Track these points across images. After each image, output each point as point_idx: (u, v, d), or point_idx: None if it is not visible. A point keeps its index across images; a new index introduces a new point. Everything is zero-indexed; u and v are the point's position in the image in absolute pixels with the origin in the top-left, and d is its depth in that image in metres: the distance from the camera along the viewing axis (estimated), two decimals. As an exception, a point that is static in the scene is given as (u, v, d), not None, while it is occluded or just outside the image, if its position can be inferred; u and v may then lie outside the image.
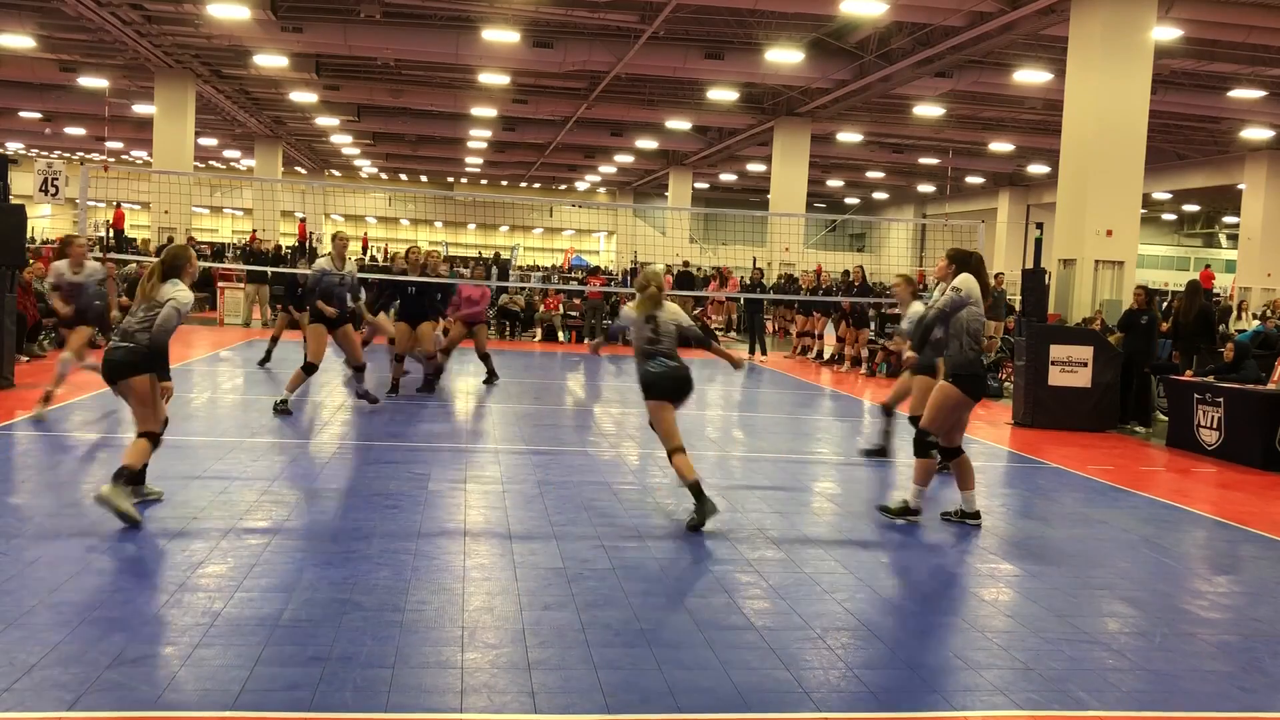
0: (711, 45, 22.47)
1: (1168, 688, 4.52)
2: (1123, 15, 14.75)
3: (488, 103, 29.38)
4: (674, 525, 6.83)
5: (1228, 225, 49.15)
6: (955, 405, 7.11)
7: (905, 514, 7.26)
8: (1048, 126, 27.73)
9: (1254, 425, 10.47)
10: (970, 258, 7.30)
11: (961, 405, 7.13)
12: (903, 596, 5.63)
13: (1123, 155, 14.92)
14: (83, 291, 9.76)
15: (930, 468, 7.29)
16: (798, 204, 29.00)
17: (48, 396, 9.53)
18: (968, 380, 7.07)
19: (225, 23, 20.65)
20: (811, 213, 51.15)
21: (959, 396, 7.08)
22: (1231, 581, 6.39)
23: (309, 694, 3.93)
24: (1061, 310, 15.09)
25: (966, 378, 7.06)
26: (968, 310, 7.06)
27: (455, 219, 62.09)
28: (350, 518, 6.53)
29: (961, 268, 7.21)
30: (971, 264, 7.25)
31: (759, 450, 10.12)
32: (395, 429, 10.01)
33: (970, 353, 7.08)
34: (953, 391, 7.08)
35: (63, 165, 20.94)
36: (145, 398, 6.31)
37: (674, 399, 7.03)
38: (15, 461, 8.01)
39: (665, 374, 7.00)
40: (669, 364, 7.02)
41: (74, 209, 20.55)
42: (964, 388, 7.07)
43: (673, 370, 7.01)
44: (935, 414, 7.16)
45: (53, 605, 4.72)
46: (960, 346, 7.08)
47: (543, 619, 4.90)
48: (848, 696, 4.21)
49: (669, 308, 7.17)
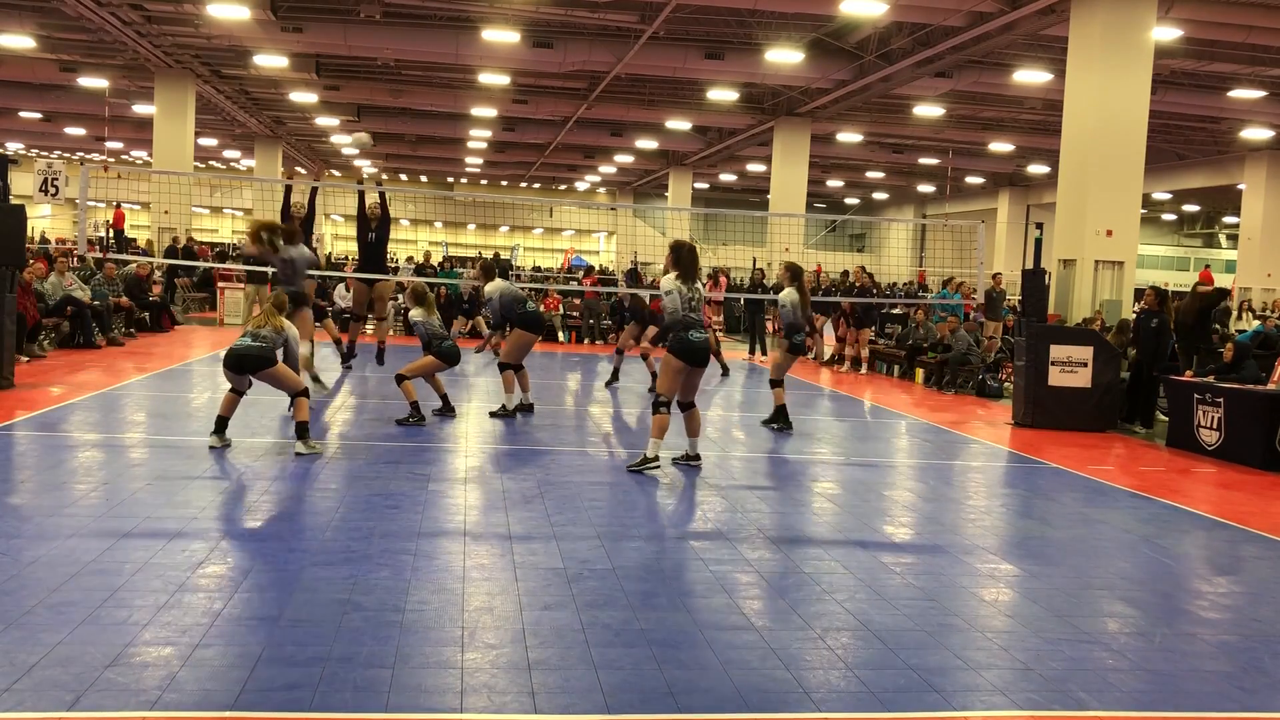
0: (711, 45, 22.48)
1: (1168, 688, 4.52)
2: (1123, 15, 14.76)
3: (488, 103, 29.39)
4: (674, 525, 6.83)
5: (1228, 225, 49.16)
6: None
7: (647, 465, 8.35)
8: (1048, 126, 27.74)
9: (1254, 425, 10.47)
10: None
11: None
12: (903, 596, 5.63)
13: (1123, 155, 14.93)
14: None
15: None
16: (798, 204, 29.01)
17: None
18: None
19: (225, 23, 20.65)
20: (811, 213, 51.17)
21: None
22: (1231, 581, 6.39)
23: (309, 694, 3.93)
24: (1061, 310, 15.10)
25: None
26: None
27: (455, 219, 62.08)
28: (350, 518, 6.53)
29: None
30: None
31: (759, 450, 10.12)
32: (395, 429, 10.01)
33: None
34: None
35: (63, 165, 20.97)
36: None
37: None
38: (15, 461, 8.01)
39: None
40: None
41: (74, 209, 20.57)
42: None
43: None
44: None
45: (53, 605, 4.72)
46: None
47: (543, 619, 4.90)
48: (848, 696, 4.21)
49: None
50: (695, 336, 8.23)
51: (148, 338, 17.64)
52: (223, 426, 8.57)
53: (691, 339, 8.22)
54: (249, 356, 8.42)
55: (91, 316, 15.71)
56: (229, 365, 8.45)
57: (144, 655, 4.23)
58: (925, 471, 9.31)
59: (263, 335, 8.54)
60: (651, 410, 8.48)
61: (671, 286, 8.32)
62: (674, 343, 8.32)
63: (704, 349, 8.34)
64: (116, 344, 16.09)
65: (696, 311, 8.33)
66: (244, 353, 8.43)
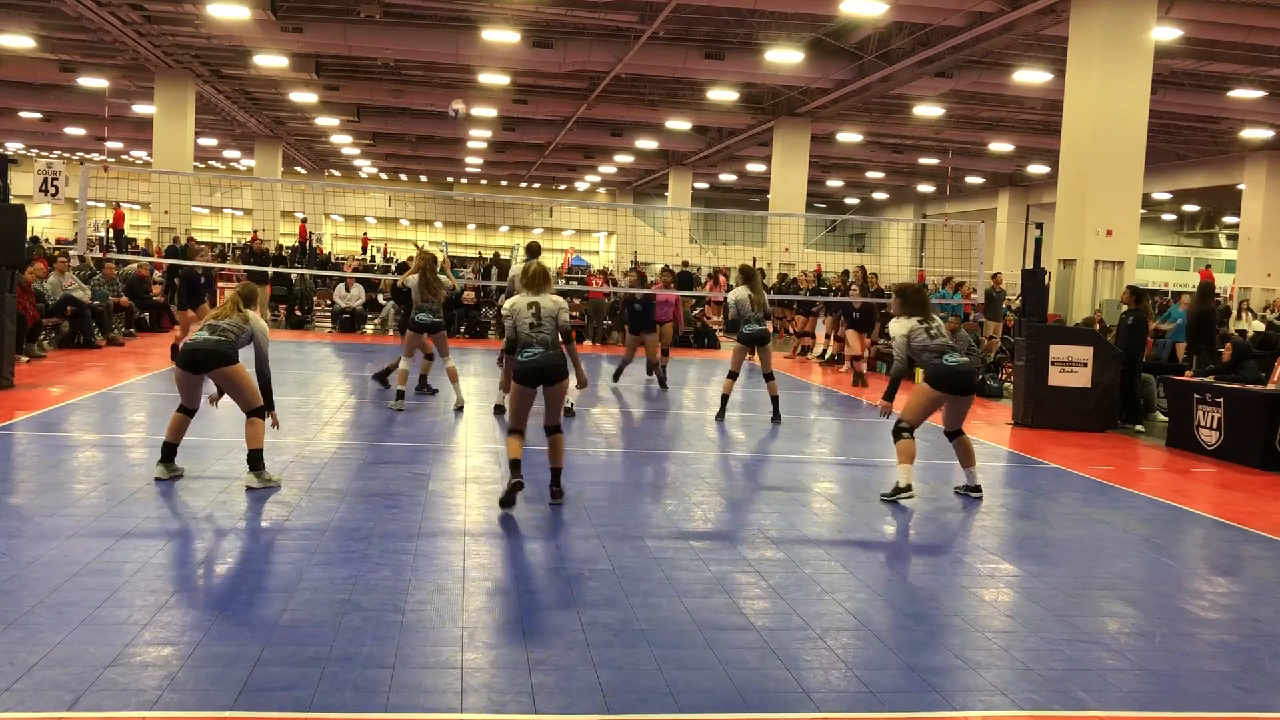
0: (711, 45, 22.47)
1: (1168, 688, 4.52)
2: (1122, 15, 14.75)
3: (488, 103, 29.39)
4: (674, 525, 6.83)
5: (1228, 225, 49.14)
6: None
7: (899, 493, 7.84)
8: (1048, 126, 27.73)
9: (1254, 425, 10.47)
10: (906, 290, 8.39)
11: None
12: (903, 596, 5.63)
13: (1123, 155, 14.92)
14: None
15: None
16: (798, 204, 29.00)
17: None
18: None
19: (225, 23, 20.64)
20: (811, 213, 51.16)
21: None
22: (1231, 581, 6.39)
23: (309, 694, 3.93)
24: (1061, 310, 15.09)
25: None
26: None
27: (455, 219, 62.08)
28: (350, 518, 6.53)
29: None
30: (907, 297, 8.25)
31: (759, 450, 10.12)
32: (395, 429, 10.01)
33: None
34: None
35: (63, 165, 20.94)
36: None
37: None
38: (15, 461, 8.01)
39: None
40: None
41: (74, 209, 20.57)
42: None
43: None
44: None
45: (53, 605, 4.72)
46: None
47: (543, 619, 4.90)
48: (848, 696, 4.21)
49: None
50: (951, 361, 7.81)
51: (148, 338, 17.64)
52: (170, 454, 7.29)
53: (947, 363, 7.79)
54: (202, 351, 7.08)
55: (91, 316, 15.72)
56: (183, 364, 7.16)
57: (144, 655, 4.23)
58: (925, 472, 9.29)
59: (223, 328, 7.21)
60: (893, 438, 7.96)
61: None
62: (928, 370, 7.91)
63: (965, 375, 7.85)
64: (116, 344, 16.09)
65: (937, 340, 7.90)
66: (198, 347, 7.11)
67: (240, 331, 7.25)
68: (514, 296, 7.20)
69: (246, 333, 7.29)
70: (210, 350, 7.08)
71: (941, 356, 7.84)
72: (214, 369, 7.09)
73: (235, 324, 7.24)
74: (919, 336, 7.97)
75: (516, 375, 6.94)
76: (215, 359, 7.08)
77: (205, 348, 7.09)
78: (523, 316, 6.99)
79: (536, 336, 6.94)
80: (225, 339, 7.15)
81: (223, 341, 7.13)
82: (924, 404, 7.97)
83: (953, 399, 7.91)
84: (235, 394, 7.25)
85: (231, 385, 7.20)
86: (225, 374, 7.13)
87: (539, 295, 7.13)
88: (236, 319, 7.26)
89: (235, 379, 7.16)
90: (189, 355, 7.11)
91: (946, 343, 7.95)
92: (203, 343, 7.11)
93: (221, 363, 7.08)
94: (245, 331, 7.28)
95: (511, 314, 7.07)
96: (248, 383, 7.21)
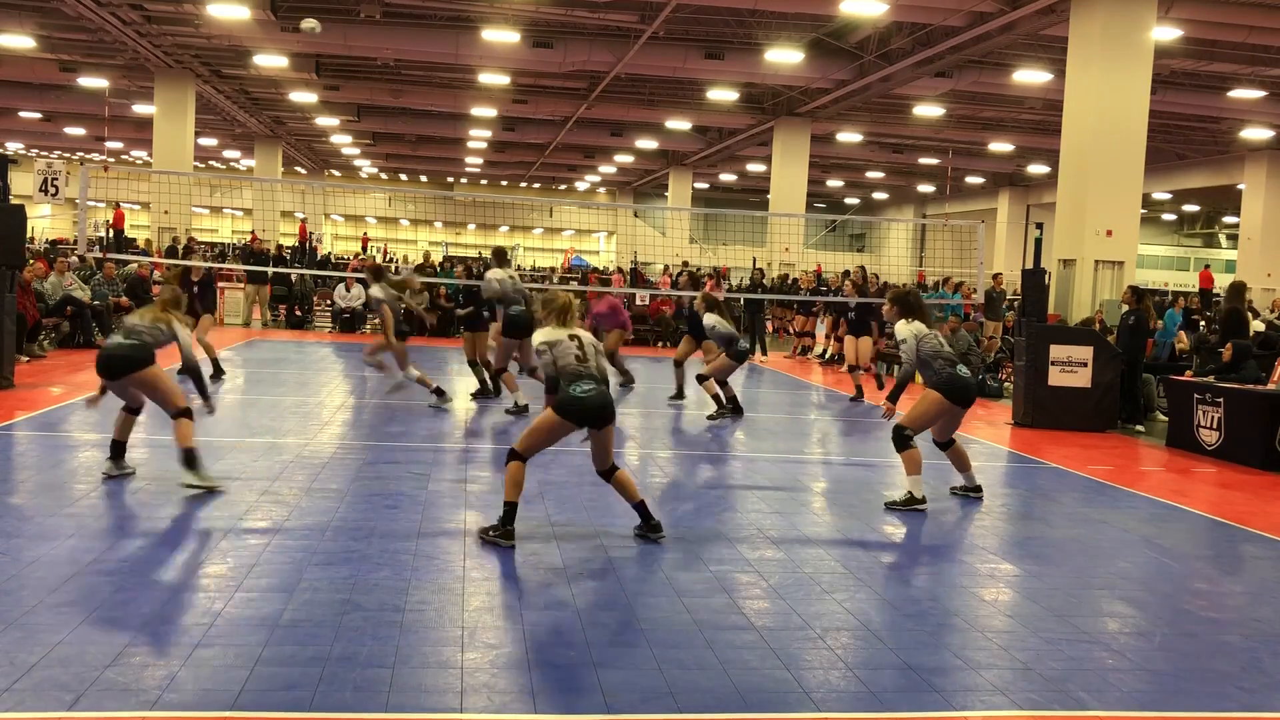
0: (711, 45, 22.47)
1: (1168, 688, 4.52)
2: (1122, 15, 14.75)
3: (488, 103, 29.38)
4: (674, 525, 6.83)
5: (1228, 225, 49.14)
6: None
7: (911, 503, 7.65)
8: (1048, 126, 27.72)
9: (1254, 425, 10.47)
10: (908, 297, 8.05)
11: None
12: (903, 596, 5.63)
13: (1123, 155, 14.92)
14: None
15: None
16: (798, 204, 29.00)
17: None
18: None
19: (225, 23, 20.64)
20: (811, 213, 51.15)
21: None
22: (1231, 581, 6.39)
23: (309, 694, 3.93)
24: (1061, 310, 15.10)
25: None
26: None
27: (455, 219, 62.09)
28: (350, 518, 6.53)
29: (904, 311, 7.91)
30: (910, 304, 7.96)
31: (759, 450, 10.12)
32: (395, 429, 10.01)
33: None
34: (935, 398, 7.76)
35: (63, 165, 20.95)
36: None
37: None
38: (15, 461, 8.01)
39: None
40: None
41: (74, 209, 20.56)
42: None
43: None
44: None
45: (53, 605, 4.72)
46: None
47: (543, 619, 4.90)
48: (848, 696, 4.21)
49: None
50: (965, 372, 7.69)
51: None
52: (119, 452, 7.23)
53: (962, 374, 7.65)
54: (115, 358, 6.88)
55: (91, 316, 15.72)
56: (99, 371, 7.01)
57: (144, 655, 4.23)
58: (925, 471, 9.28)
59: (138, 329, 7.00)
60: (896, 448, 7.75)
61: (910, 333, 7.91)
62: (943, 380, 7.64)
63: (975, 388, 7.86)
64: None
65: (944, 348, 7.82)
66: (111, 353, 6.92)
67: (159, 334, 7.08)
68: (544, 329, 6.51)
69: (166, 334, 7.13)
70: (123, 356, 6.90)
71: (955, 366, 7.67)
72: (128, 374, 6.89)
73: (153, 326, 7.08)
74: (930, 342, 7.77)
75: (566, 411, 6.17)
76: (127, 364, 6.89)
77: (118, 353, 6.92)
78: (566, 348, 6.27)
79: (585, 370, 6.23)
80: (140, 341, 6.98)
81: (137, 345, 6.95)
82: (933, 414, 7.71)
83: (956, 410, 7.77)
84: (154, 396, 7.03)
85: (149, 388, 6.99)
86: (140, 378, 6.93)
87: (569, 327, 6.47)
88: (158, 320, 7.12)
89: (152, 381, 6.96)
90: (104, 362, 6.96)
91: (959, 350, 7.91)
92: (116, 348, 6.95)
93: (134, 367, 6.88)
94: (165, 334, 7.12)
95: (549, 347, 6.31)
96: (164, 383, 7.01)
